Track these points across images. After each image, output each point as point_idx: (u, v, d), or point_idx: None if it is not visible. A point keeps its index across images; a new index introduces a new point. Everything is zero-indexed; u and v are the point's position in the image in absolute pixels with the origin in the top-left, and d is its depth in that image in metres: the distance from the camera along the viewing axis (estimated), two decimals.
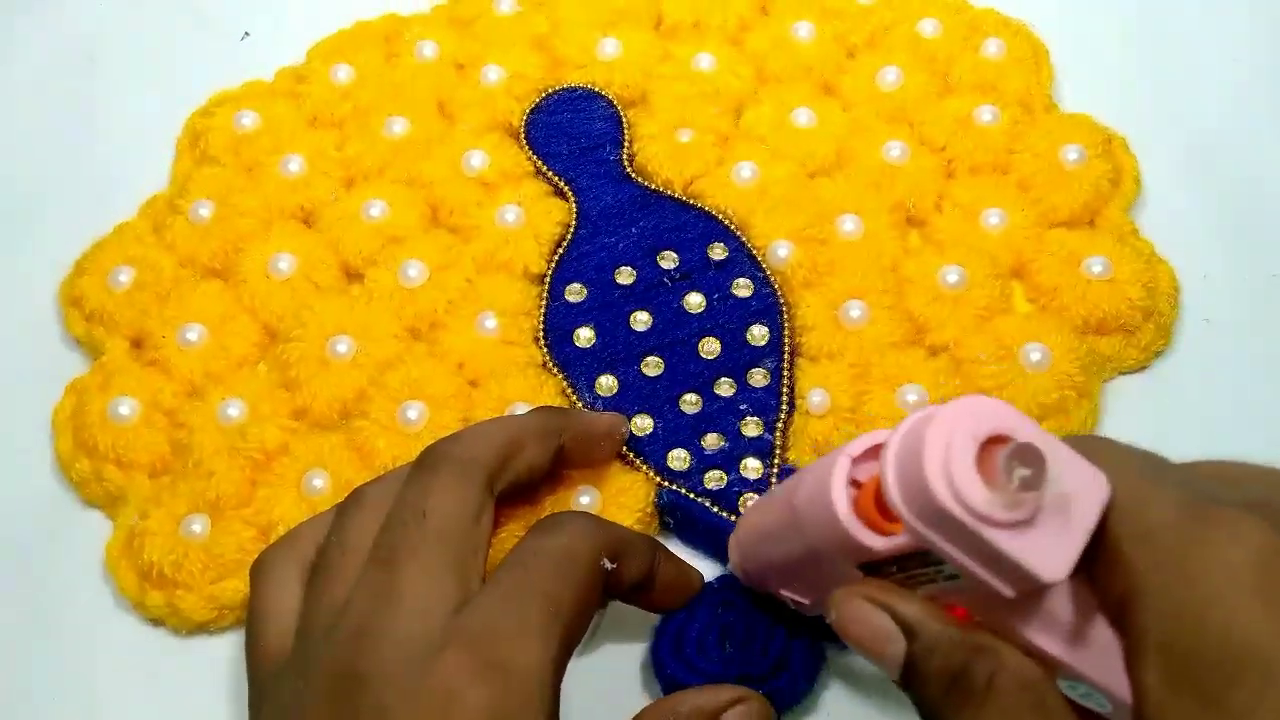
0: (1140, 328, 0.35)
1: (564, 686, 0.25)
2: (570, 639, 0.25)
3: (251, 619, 0.27)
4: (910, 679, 0.22)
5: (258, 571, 0.28)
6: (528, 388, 0.34)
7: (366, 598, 0.25)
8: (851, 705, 0.30)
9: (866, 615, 0.23)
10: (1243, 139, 0.40)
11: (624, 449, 0.33)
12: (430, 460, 0.27)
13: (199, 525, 0.32)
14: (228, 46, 0.43)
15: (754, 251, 0.36)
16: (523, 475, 0.29)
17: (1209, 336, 0.36)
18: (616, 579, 0.27)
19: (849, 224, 0.37)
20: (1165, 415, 0.35)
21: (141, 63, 0.43)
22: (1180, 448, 0.33)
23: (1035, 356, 0.34)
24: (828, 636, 0.28)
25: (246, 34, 0.43)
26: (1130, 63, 0.42)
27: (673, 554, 0.30)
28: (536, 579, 0.25)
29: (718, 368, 0.34)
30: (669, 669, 0.29)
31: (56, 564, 0.34)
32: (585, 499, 0.32)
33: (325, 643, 0.25)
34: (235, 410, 0.34)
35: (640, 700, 0.30)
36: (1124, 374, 0.36)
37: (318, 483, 0.33)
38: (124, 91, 0.42)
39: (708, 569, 0.31)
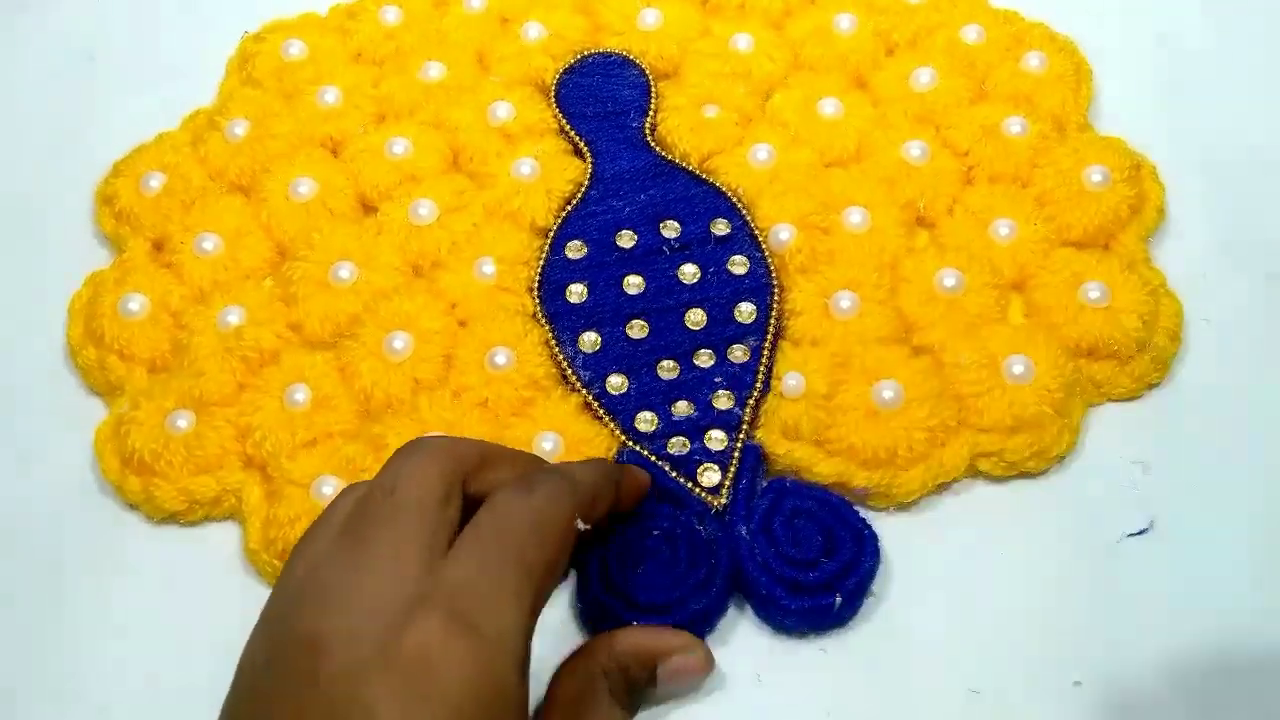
0: (1134, 358, 0.35)
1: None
2: (541, 600, 0.25)
3: None
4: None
5: None
6: (513, 334, 0.35)
7: (332, 566, 0.25)
8: (852, 706, 0.30)
9: None
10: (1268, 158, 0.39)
11: (595, 403, 0.34)
12: (408, 446, 0.27)
13: (184, 421, 0.34)
14: (229, 45, 0.43)
15: (756, 232, 0.37)
16: (494, 488, 0.27)
17: (1209, 337, 0.35)
18: (585, 531, 0.27)
19: (855, 216, 0.37)
20: (1165, 415, 0.34)
21: (142, 62, 0.43)
22: (1180, 447, 0.33)
23: (1018, 369, 0.33)
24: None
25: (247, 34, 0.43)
26: (1178, 94, 0.41)
27: (624, 467, 0.31)
28: (511, 542, 0.25)
29: (700, 339, 0.35)
30: (593, 591, 0.30)
31: (55, 445, 0.35)
32: (548, 444, 0.33)
33: (291, 607, 0.25)
34: (235, 317, 0.35)
35: None
36: (1114, 401, 0.35)
37: (299, 396, 0.34)
38: (124, 91, 0.43)
39: None
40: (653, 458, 0.33)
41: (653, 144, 0.39)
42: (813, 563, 0.30)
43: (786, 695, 0.30)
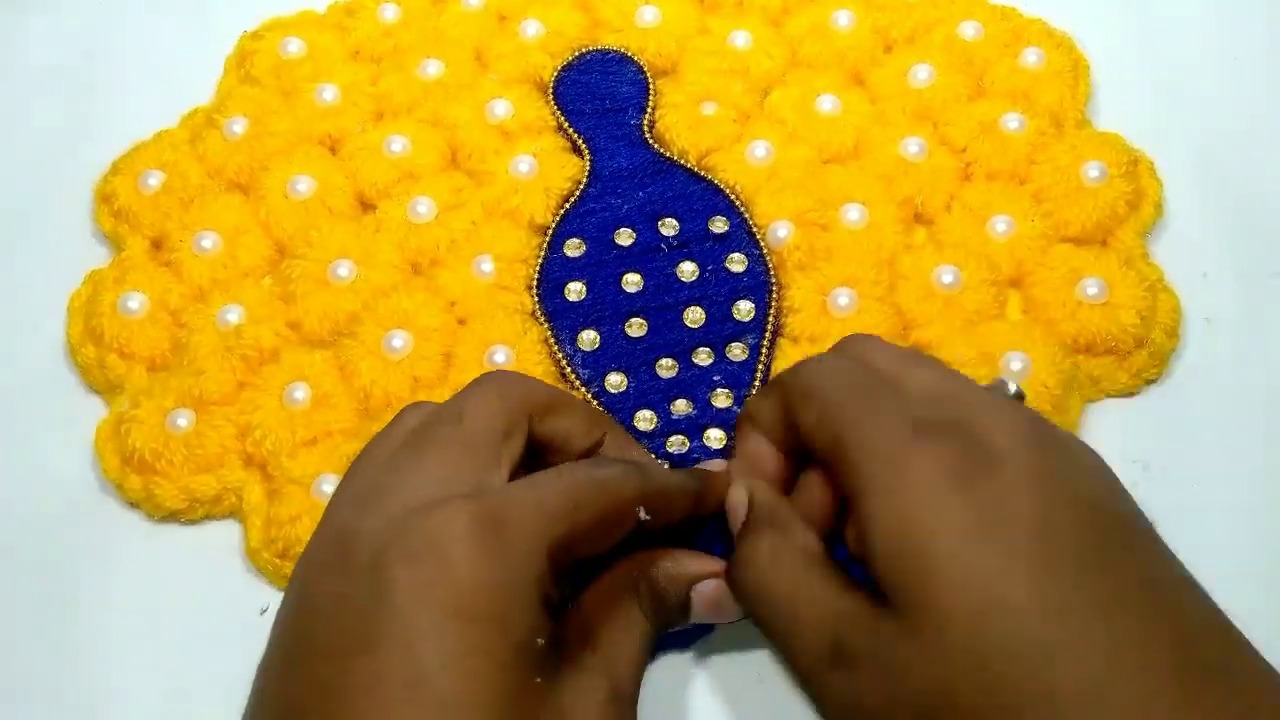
0: (1132, 353, 0.35)
1: None
2: (575, 543, 0.25)
3: None
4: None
5: None
6: (512, 332, 0.35)
7: (385, 471, 0.26)
8: None
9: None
10: (1274, 170, 0.39)
11: (594, 402, 0.34)
12: (480, 379, 0.28)
13: (184, 419, 0.34)
14: (228, 44, 0.43)
15: (754, 229, 0.37)
16: (559, 437, 0.28)
17: (1209, 336, 0.35)
18: (648, 525, 0.27)
19: (853, 213, 0.37)
20: (1165, 415, 0.34)
21: (141, 62, 0.43)
22: (1179, 448, 0.33)
23: (1016, 365, 0.34)
24: None
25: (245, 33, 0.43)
26: (1174, 89, 0.41)
27: (707, 474, 0.30)
28: (569, 481, 0.26)
29: (699, 337, 0.35)
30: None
31: (55, 444, 0.35)
32: None
33: (336, 510, 0.26)
34: (234, 316, 0.35)
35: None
36: (1113, 398, 0.35)
37: (299, 394, 0.34)
38: (123, 90, 0.42)
39: None
40: (652, 456, 0.33)
41: (651, 141, 0.39)
42: None
43: (787, 695, 0.30)
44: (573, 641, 0.26)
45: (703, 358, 0.34)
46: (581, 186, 0.38)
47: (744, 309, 0.35)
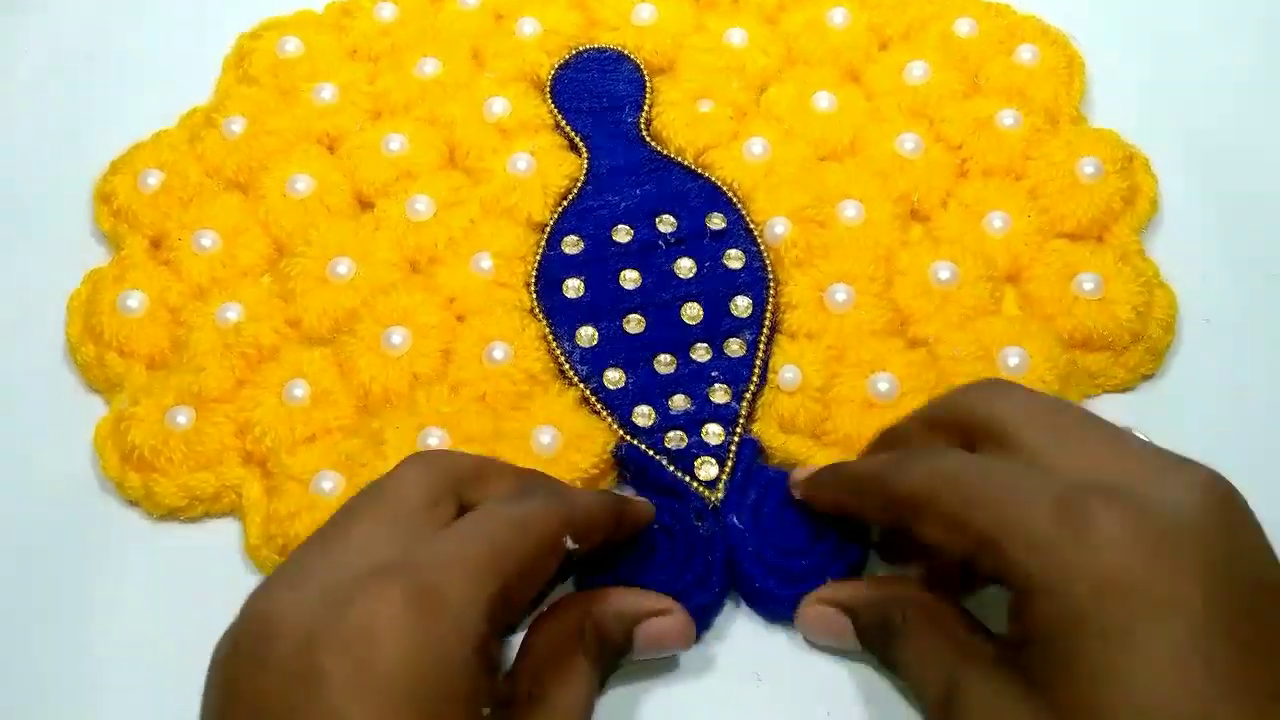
0: (1129, 349, 0.35)
1: None
2: (510, 594, 0.24)
3: None
4: (864, 642, 0.29)
5: None
6: (510, 329, 0.35)
7: (309, 552, 0.25)
8: (852, 706, 0.30)
9: (819, 615, 0.30)
10: (1268, 169, 0.39)
11: (592, 398, 0.34)
12: (408, 456, 0.27)
13: (184, 417, 0.34)
14: (227, 43, 0.43)
15: (752, 226, 0.37)
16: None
17: (1209, 336, 0.36)
18: (575, 553, 0.26)
19: (850, 210, 0.37)
20: (1165, 415, 0.34)
21: (139, 63, 0.44)
22: (1175, 439, 0.33)
23: (1013, 360, 0.34)
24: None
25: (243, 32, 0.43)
26: (1168, 86, 0.41)
27: (627, 499, 0.30)
28: (489, 529, 0.25)
29: (697, 333, 0.35)
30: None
31: (54, 442, 0.35)
32: (545, 438, 0.33)
33: (265, 588, 0.24)
34: (233, 314, 0.36)
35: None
36: (1110, 393, 0.35)
37: (298, 392, 0.34)
38: (122, 90, 0.43)
39: None
40: (650, 451, 0.33)
41: (648, 139, 0.39)
42: (804, 550, 0.31)
43: (787, 695, 0.30)
44: (521, 697, 0.26)
45: (701, 353, 0.35)
46: (579, 184, 0.38)
47: (741, 305, 0.35)
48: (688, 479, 0.32)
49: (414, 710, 0.22)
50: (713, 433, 0.33)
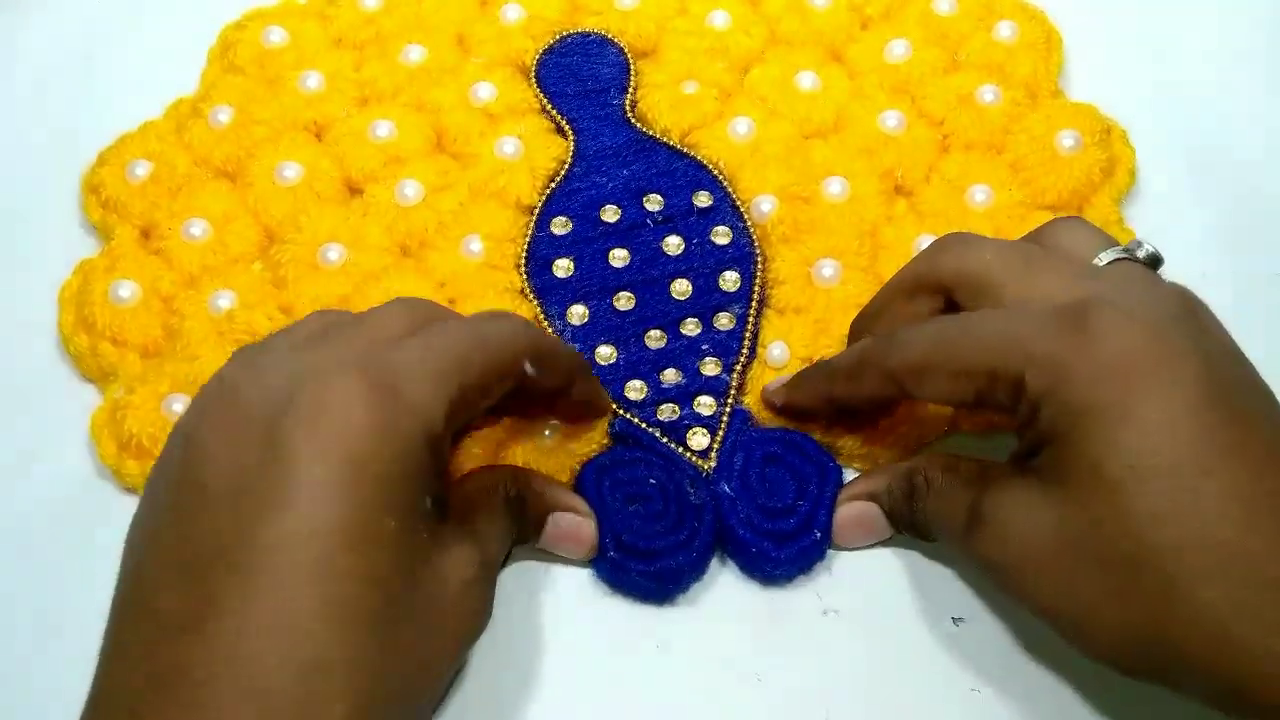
0: None
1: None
2: (466, 398, 0.26)
3: None
4: (894, 522, 0.31)
5: None
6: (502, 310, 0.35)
7: (283, 354, 0.26)
8: (852, 706, 0.30)
9: (849, 513, 0.31)
10: (1247, 140, 0.40)
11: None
12: (394, 299, 0.29)
13: (179, 404, 0.34)
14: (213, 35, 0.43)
15: (738, 203, 0.37)
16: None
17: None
18: (534, 382, 0.28)
19: (835, 186, 0.37)
20: None
21: (127, 54, 0.44)
22: None
23: None
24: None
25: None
26: (1146, 60, 0.42)
27: (592, 377, 0.32)
28: (454, 338, 0.26)
29: (686, 308, 0.35)
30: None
31: (49, 433, 0.36)
32: None
33: (231, 369, 0.27)
34: (225, 301, 0.36)
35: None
36: None
37: None
38: (109, 82, 0.43)
39: None
40: (644, 425, 0.33)
41: (633, 121, 0.40)
42: (790, 509, 0.31)
43: (786, 695, 0.30)
44: (452, 510, 0.27)
45: (690, 328, 0.35)
46: (566, 166, 0.38)
47: (730, 279, 0.36)
48: (681, 449, 0.33)
49: (373, 480, 0.23)
50: (704, 404, 0.34)
